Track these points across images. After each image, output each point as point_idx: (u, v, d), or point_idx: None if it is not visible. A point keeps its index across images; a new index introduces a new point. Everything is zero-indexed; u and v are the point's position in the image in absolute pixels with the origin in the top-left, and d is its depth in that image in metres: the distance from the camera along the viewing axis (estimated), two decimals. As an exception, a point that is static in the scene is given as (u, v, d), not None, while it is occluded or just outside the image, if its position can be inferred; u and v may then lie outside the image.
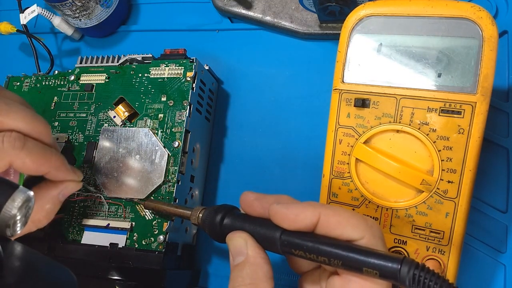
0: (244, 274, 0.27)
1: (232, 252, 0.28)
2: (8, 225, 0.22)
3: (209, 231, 0.30)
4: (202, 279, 0.44)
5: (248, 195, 0.30)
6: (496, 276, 0.37)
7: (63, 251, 0.40)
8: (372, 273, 0.24)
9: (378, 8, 0.32)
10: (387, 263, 0.23)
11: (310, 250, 0.26)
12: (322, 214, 0.26)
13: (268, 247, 0.28)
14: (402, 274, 0.23)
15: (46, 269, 0.24)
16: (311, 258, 0.26)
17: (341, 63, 0.34)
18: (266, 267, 0.27)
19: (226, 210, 0.30)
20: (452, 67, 0.31)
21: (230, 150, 0.47)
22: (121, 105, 0.43)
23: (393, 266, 0.23)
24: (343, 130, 0.34)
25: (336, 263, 0.25)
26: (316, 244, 0.26)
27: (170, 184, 0.39)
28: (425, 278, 0.22)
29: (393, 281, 0.24)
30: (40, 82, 0.47)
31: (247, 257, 0.27)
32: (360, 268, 0.24)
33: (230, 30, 0.51)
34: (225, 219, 0.30)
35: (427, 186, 0.31)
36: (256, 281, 0.27)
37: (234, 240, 0.28)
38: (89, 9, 0.49)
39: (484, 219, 0.38)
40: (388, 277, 0.24)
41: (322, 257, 0.25)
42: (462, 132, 0.30)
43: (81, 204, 0.41)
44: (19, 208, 0.22)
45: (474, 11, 0.30)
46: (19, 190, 0.23)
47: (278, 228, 0.27)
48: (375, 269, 0.24)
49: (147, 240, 0.38)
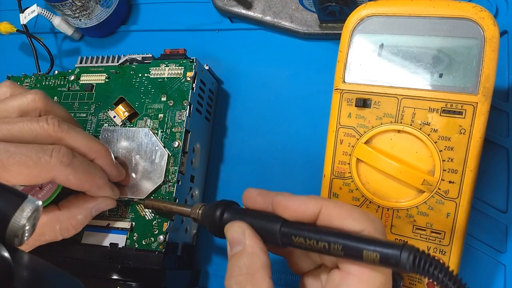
0: (241, 264, 0.27)
1: (229, 241, 0.28)
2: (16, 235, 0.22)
3: (209, 227, 0.31)
4: (202, 279, 0.44)
5: (251, 190, 0.30)
6: (496, 276, 0.37)
7: (63, 251, 0.39)
8: (373, 257, 0.24)
9: (380, 8, 0.32)
10: (387, 249, 0.23)
11: (310, 236, 0.26)
12: (324, 206, 0.26)
13: (267, 238, 0.28)
14: (403, 259, 0.23)
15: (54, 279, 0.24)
16: (311, 245, 0.26)
17: (342, 63, 0.34)
18: (263, 257, 0.27)
19: (225, 205, 0.30)
20: (453, 68, 0.31)
21: (230, 150, 0.47)
22: (121, 105, 0.43)
23: (394, 252, 0.23)
24: (344, 130, 0.34)
25: (336, 247, 0.25)
26: (316, 230, 0.26)
27: (170, 184, 0.39)
28: (425, 263, 0.22)
29: (394, 267, 0.24)
30: (40, 82, 0.47)
31: (244, 246, 0.27)
32: (360, 253, 0.24)
33: (230, 30, 0.51)
34: (224, 213, 0.30)
35: (428, 186, 0.31)
36: (253, 270, 0.26)
37: (231, 229, 0.28)
38: (89, 9, 0.49)
39: (484, 219, 0.38)
40: (388, 263, 0.23)
41: (322, 242, 0.25)
42: (464, 133, 0.30)
43: (81, 204, 0.41)
44: (28, 218, 0.22)
45: (476, 12, 0.30)
46: (28, 200, 0.23)
47: (279, 219, 0.27)
48: (376, 251, 0.24)
49: (147, 240, 0.38)
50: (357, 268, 0.25)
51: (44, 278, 0.23)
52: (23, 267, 0.22)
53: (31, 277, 0.22)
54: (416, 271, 0.23)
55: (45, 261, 0.24)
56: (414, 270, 0.23)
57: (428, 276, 0.23)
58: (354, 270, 0.25)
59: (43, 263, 0.24)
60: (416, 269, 0.23)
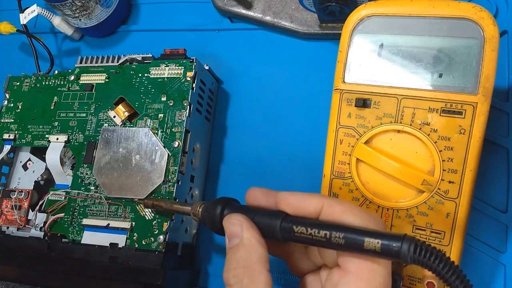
0: (238, 257, 0.27)
1: (228, 234, 0.28)
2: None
3: (210, 224, 0.31)
4: (202, 279, 0.44)
5: (254, 189, 0.30)
6: (496, 276, 0.37)
7: (63, 251, 0.39)
8: (374, 245, 0.24)
9: (379, 8, 0.32)
10: (388, 239, 0.23)
11: (311, 225, 0.26)
12: (326, 203, 0.26)
13: (267, 233, 0.28)
14: (404, 249, 0.23)
15: None
16: (312, 235, 0.26)
17: (342, 63, 0.34)
18: (261, 249, 0.27)
19: (225, 202, 0.30)
20: (453, 68, 0.31)
21: (230, 150, 0.47)
22: (121, 105, 0.43)
23: (395, 242, 0.23)
24: (344, 130, 0.34)
25: (338, 236, 0.25)
26: (318, 222, 0.26)
27: (170, 184, 0.39)
28: (426, 253, 0.22)
29: (395, 258, 0.24)
30: (40, 82, 0.47)
31: (242, 239, 0.27)
32: (361, 243, 0.24)
33: (230, 30, 0.51)
34: (225, 210, 0.30)
35: (428, 186, 0.31)
36: (250, 263, 0.26)
37: (229, 222, 0.28)
38: (89, 9, 0.49)
39: (484, 219, 0.38)
40: (389, 254, 0.23)
41: (324, 230, 0.25)
42: (463, 133, 0.30)
43: (81, 204, 0.41)
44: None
45: (476, 12, 0.30)
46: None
47: (280, 213, 0.27)
48: (377, 239, 0.23)
49: (147, 240, 0.38)
50: (357, 265, 0.25)
51: None
52: None
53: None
54: (417, 262, 0.23)
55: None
56: (415, 260, 0.23)
57: (429, 267, 0.22)
58: (353, 267, 0.25)
59: None
60: (417, 259, 0.23)
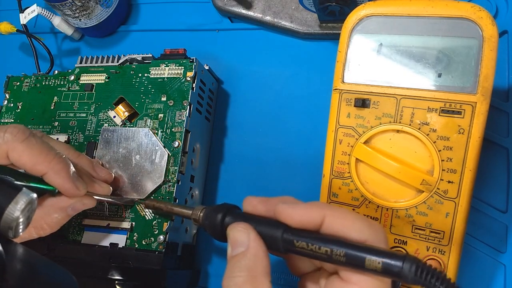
0: (242, 265, 0.26)
1: (231, 242, 0.28)
2: (10, 227, 0.22)
3: (210, 230, 0.30)
4: (202, 279, 0.44)
5: (251, 199, 0.29)
6: (496, 276, 0.37)
7: (63, 251, 0.40)
8: (375, 265, 0.24)
9: (378, 8, 0.32)
10: (390, 258, 0.23)
11: (312, 240, 0.26)
12: (327, 215, 0.26)
13: (269, 244, 0.28)
14: (405, 269, 0.23)
15: (47, 272, 0.24)
16: (313, 251, 0.25)
17: (341, 63, 0.34)
18: (266, 261, 0.27)
19: (227, 209, 0.30)
20: (452, 67, 0.31)
21: (230, 150, 0.47)
22: (121, 105, 0.43)
23: (396, 263, 0.23)
24: (343, 130, 0.34)
25: (339, 253, 0.25)
26: (319, 236, 0.26)
27: (170, 184, 0.39)
28: (427, 274, 0.23)
29: (396, 277, 0.24)
30: (40, 82, 0.47)
31: (248, 248, 0.27)
32: (363, 261, 0.24)
33: (230, 30, 0.51)
34: (226, 218, 0.29)
35: (427, 186, 0.31)
36: (255, 273, 0.26)
37: (236, 230, 0.28)
38: (89, 9, 0.49)
39: (484, 219, 0.38)
40: (390, 273, 0.23)
41: (325, 247, 0.25)
42: (462, 132, 0.30)
43: (81, 204, 0.41)
44: (22, 210, 0.22)
45: (474, 11, 0.30)
46: (22, 192, 0.23)
47: (281, 225, 0.27)
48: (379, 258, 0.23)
49: (147, 240, 0.38)
50: (358, 277, 0.25)
51: (37, 270, 0.23)
52: (16, 259, 0.22)
53: (24, 269, 0.22)
54: (417, 283, 0.23)
55: (39, 254, 0.24)
56: (415, 281, 0.23)
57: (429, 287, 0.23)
58: (354, 278, 0.25)
59: (36, 256, 0.23)
60: (418, 280, 0.23)
